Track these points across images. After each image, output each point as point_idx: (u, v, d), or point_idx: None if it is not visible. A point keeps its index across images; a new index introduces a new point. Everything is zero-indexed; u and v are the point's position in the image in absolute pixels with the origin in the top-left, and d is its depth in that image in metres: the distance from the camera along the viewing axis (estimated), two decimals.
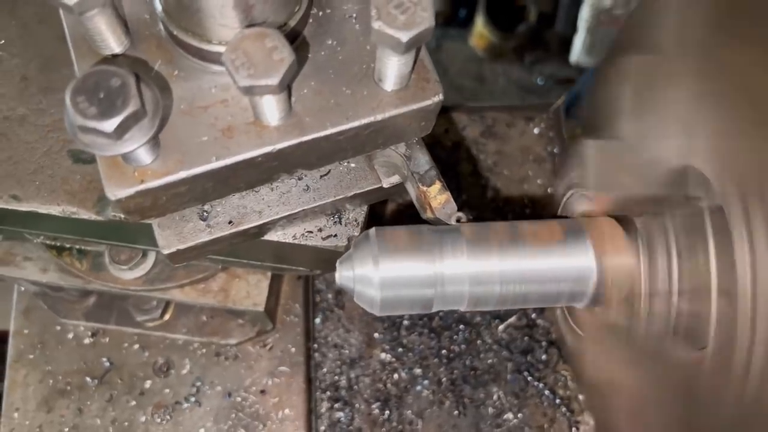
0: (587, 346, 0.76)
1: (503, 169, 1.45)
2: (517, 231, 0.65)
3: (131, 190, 0.56)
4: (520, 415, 1.28)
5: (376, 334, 1.32)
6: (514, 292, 0.65)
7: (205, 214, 0.71)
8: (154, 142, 0.55)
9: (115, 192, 0.56)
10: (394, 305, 0.64)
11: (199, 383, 1.19)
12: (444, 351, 1.31)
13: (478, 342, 1.32)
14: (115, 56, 0.59)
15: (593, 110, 0.81)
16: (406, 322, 1.33)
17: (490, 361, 1.31)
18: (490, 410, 1.28)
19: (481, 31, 2.52)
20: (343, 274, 0.64)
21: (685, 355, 0.58)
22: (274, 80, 0.49)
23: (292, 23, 0.58)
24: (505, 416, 1.28)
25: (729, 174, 0.53)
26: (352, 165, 0.73)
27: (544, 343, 1.32)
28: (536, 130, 1.49)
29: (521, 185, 1.43)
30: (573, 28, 2.07)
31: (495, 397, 1.29)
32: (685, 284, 0.58)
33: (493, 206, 1.41)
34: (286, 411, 1.18)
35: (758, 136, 0.50)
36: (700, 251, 0.55)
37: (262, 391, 1.19)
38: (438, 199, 0.69)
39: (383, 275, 0.62)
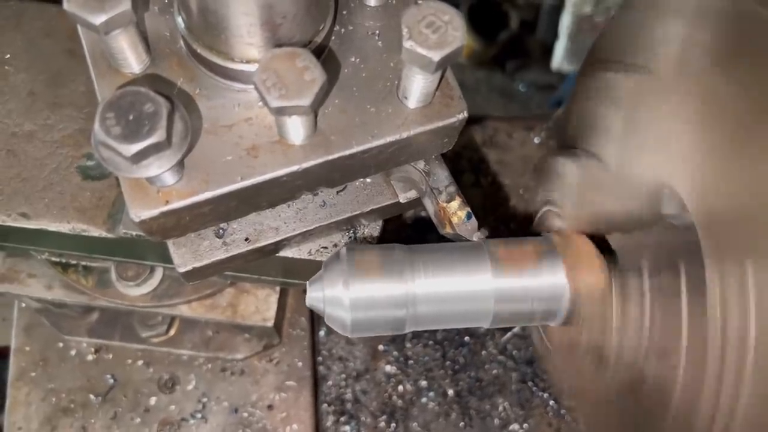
0: (558, 360, 0.76)
1: (505, 179, 1.45)
2: (489, 250, 0.64)
3: (155, 211, 0.55)
4: (525, 425, 1.28)
5: (380, 346, 1.31)
6: (484, 310, 0.64)
7: (221, 231, 0.70)
8: (179, 164, 0.54)
9: (139, 213, 0.55)
10: (366, 327, 0.62)
11: (205, 399, 1.17)
12: (449, 362, 1.30)
13: (483, 353, 1.31)
14: (139, 76, 0.58)
15: (571, 124, 0.81)
16: (409, 334, 1.32)
17: (495, 372, 1.30)
18: (496, 421, 1.28)
19: None
20: (312, 296, 0.61)
21: (652, 394, 0.57)
22: (306, 101, 0.49)
23: (318, 40, 0.57)
24: (511, 427, 1.27)
25: (704, 196, 0.52)
26: (368, 180, 0.72)
27: None
28: (536, 140, 1.49)
29: (523, 194, 1.43)
30: (554, 35, 2.08)
31: (501, 408, 1.28)
32: (657, 321, 0.58)
33: (496, 215, 1.41)
34: (294, 426, 1.16)
35: (736, 161, 0.50)
36: (672, 281, 0.54)
37: (269, 407, 1.17)
38: (458, 214, 0.69)
39: (353, 296, 0.60)
